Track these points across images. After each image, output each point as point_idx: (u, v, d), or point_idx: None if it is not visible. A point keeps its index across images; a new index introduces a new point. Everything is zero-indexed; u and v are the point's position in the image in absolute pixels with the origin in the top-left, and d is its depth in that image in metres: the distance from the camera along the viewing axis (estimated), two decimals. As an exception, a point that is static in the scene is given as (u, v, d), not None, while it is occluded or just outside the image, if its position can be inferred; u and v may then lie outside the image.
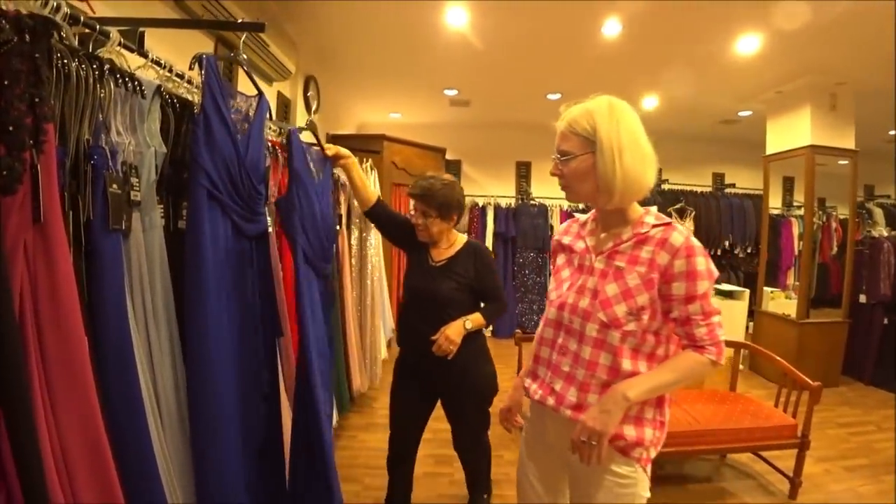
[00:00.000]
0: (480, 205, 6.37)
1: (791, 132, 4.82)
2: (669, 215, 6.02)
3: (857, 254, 4.77)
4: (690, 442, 2.53)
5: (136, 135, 1.17)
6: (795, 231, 6.20)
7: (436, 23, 3.61)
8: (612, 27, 3.68)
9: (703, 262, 1.12)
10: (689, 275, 1.11)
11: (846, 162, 4.71)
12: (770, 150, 5.08)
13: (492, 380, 2.11)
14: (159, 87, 1.22)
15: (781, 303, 4.89)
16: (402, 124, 6.44)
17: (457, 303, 1.97)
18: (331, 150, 1.88)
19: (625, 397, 1.11)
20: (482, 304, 2.07)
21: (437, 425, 2.26)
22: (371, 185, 2.21)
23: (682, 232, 1.14)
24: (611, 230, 1.23)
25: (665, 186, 6.51)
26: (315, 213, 1.69)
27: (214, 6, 2.51)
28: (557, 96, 5.35)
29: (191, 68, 1.28)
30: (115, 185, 1.05)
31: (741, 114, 5.86)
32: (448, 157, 6.52)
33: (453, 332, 1.91)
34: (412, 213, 2.03)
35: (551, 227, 6.22)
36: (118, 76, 1.10)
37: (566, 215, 6.23)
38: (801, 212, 6.34)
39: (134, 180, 1.14)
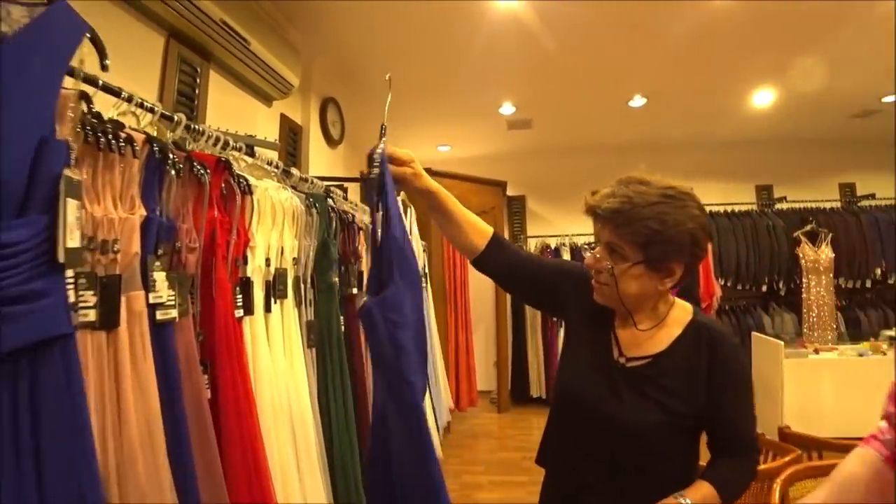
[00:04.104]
0: (553, 246, 5.40)
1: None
2: (797, 240, 4.75)
3: None
4: None
5: None
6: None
7: (482, 19, 2.76)
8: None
9: None
10: None
11: None
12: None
13: None
14: None
15: None
16: (453, 158, 5.58)
17: (661, 444, 0.98)
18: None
19: None
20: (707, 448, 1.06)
21: None
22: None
23: None
24: None
25: (783, 205, 5.35)
26: None
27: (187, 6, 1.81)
28: (642, 102, 4.29)
29: None
30: None
31: (886, 100, 4.51)
32: (509, 192, 5.57)
33: None
34: (587, 249, 1.04)
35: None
36: None
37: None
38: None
39: None
